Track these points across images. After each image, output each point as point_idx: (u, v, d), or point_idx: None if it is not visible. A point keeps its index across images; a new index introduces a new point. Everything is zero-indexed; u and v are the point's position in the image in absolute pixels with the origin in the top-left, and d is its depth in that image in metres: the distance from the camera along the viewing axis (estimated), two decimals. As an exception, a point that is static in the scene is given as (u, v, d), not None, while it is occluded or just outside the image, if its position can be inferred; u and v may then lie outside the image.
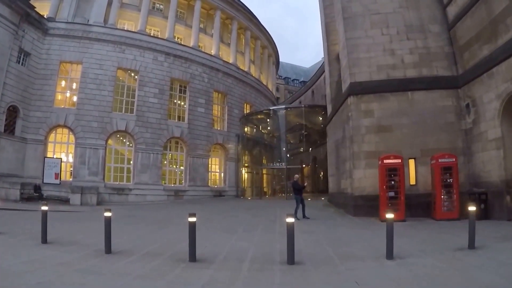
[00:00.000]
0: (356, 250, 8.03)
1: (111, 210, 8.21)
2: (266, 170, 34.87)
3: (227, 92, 33.45)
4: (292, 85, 78.26)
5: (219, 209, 19.23)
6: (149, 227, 12.36)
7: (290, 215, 7.04)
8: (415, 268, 6.29)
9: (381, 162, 13.06)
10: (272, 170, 34.98)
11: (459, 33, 14.73)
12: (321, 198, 26.45)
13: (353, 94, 15.13)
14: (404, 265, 6.50)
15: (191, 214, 7.36)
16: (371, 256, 7.30)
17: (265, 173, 35.36)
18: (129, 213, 16.47)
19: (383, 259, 6.94)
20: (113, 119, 25.42)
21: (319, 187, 36.01)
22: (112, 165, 25.70)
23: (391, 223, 7.09)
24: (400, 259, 6.91)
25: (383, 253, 7.18)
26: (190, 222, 7.31)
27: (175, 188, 28.22)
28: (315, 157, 35.73)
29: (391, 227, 7.06)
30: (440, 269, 6.21)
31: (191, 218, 7.34)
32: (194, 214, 7.38)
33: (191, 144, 29.20)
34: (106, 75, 25.49)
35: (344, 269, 6.41)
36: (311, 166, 36.26)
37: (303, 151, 34.38)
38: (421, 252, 7.48)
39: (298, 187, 14.68)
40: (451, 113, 14.57)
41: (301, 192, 14.50)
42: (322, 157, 35.10)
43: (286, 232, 6.90)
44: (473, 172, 13.64)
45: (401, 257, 7.01)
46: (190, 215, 7.34)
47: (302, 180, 15.16)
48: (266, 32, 42.51)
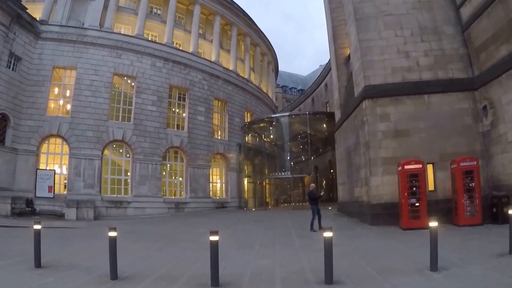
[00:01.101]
0: (392, 262, 7.84)
1: (116, 229, 7.43)
2: (270, 180, 34.69)
3: (227, 100, 33.49)
4: (290, 93, 78.62)
5: (226, 222, 19.07)
6: (155, 244, 11.78)
7: (328, 229, 6.72)
8: (467, 280, 6.15)
9: (401, 168, 13.08)
10: (276, 180, 34.82)
11: (474, 34, 14.93)
12: (327, 208, 26.33)
13: (368, 97, 15.20)
14: (453, 277, 6.35)
15: (213, 232, 6.82)
16: (412, 269, 7.12)
17: (268, 183, 35.17)
18: (130, 229, 16.04)
19: (427, 272, 6.79)
20: (109, 128, 25.19)
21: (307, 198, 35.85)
22: (109, 176, 25.39)
23: (435, 232, 6.98)
24: (445, 270, 6.76)
25: (423, 264, 7.10)
26: (212, 241, 6.73)
27: (176, 200, 27.99)
28: (316, 166, 35.70)
29: (435, 237, 6.94)
30: (495, 278, 6.09)
31: (213, 237, 6.75)
32: (217, 232, 6.83)
33: (191, 154, 29.06)
34: (101, 81, 25.29)
35: (390, 287, 6.16)
36: (313, 175, 36.16)
37: (304, 159, 34.38)
38: (463, 261, 7.37)
39: (314, 197, 14.56)
40: (468, 116, 14.71)
41: (317, 202, 14.38)
42: (324, 166, 35.18)
43: (324, 248, 6.55)
44: (492, 175, 13.73)
45: (444, 268, 6.86)
46: (212, 233, 6.78)
47: (318, 190, 15.02)
48: (266, 39, 42.84)
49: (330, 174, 35.50)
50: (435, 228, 7.06)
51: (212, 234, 6.75)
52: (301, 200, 33.94)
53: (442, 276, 6.51)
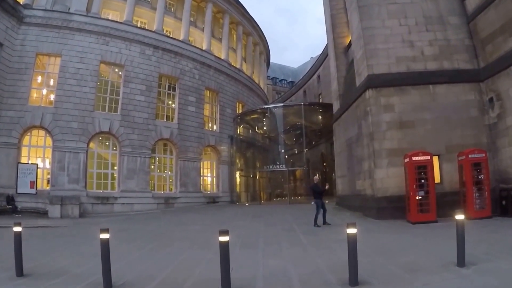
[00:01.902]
0: (414, 259, 7.64)
1: (108, 230, 6.67)
2: (264, 173, 34.47)
3: (219, 90, 33.09)
4: (280, 85, 78.36)
5: (222, 218, 18.77)
6: (149, 244, 11.01)
7: (351, 224, 6.30)
8: (500, 275, 5.99)
9: (409, 159, 12.98)
10: (271, 173, 34.59)
11: (480, 25, 14.94)
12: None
13: (371, 87, 15.06)
14: (485, 273, 6.19)
15: (222, 232, 6.00)
16: (438, 265, 6.94)
17: (262, 177, 34.93)
18: (119, 227, 15.45)
19: (455, 268, 6.63)
20: (95, 119, 24.51)
21: (303, 192, 35.78)
22: (94, 171, 24.72)
23: (462, 226, 6.79)
24: (473, 265, 6.60)
25: (448, 260, 6.96)
26: (222, 242, 5.95)
27: (165, 195, 27.54)
28: (308, 159, 35.58)
29: (462, 231, 6.76)
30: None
31: (223, 237, 5.98)
32: (227, 232, 5.99)
33: (182, 146, 28.62)
34: (87, 69, 24.53)
35: (421, 286, 5.88)
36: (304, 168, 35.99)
37: (299, 152, 34.23)
38: (489, 256, 7.25)
39: (319, 190, 14.24)
40: (474, 107, 14.76)
41: (321, 196, 14.10)
42: (316, 159, 35.08)
43: (348, 245, 6.22)
44: (498, 168, 13.75)
45: (472, 263, 6.70)
46: (221, 233, 5.99)
47: (323, 183, 14.67)
48: (258, 28, 42.48)
49: (320, 167, 35.50)
50: (462, 222, 6.89)
51: (222, 234, 6.00)
52: (298, 194, 33.83)
53: (473, 272, 6.34)
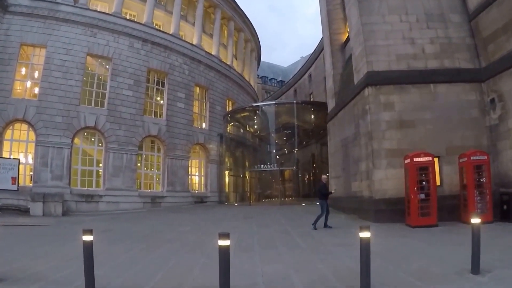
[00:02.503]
0: (424, 265, 7.28)
1: (92, 231, 6.03)
2: (254, 173, 33.89)
3: (208, 87, 32.50)
4: (269, 84, 77.99)
5: (212, 219, 18.15)
6: (137, 246, 10.31)
7: (365, 228, 5.92)
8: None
9: (410, 160, 12.61)
10: (261, 173, 34.06)
11: (482, 24, 14.69)
12: (314, 203, 25.84)
13: (371, 84, 14.66)
14: (502, 281, 5.89)
15: (222, 235, 5.35)
16: (451, 272, 6.60)
17: (252, 177, 34.38)
18: (104, 227, 14.80)
19: (469, 275, 6.31)
20: (80, 114, 23.73)
21: (300, 192, 35.43)
22: (79, 167, 23.96)
23: (477, 230, 6.44)
24: (488, 272, 6.31)
25: (460, 266, 6.69)
26: (221, 246, 5.34)
27: (152, 194, 26.88)
28: (297, 159, 35.17)
29: (478, 236, 6.42)
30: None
31: (223, 241, 5.32)
32: (227, 236, 5.34)
33: (170, 144, 27.99)
34: (74, 61, 23.76)
35: None
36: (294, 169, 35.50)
37: (291, 152, 33.78)
38: (502, 263, 6.96)
39: (326, 192, 13.63)
40: (475, 108, 14.51)
41: (327, 197, 13.48)
42: (308, 159, 34.70)
43: (360, 251, 5.87)
44: (499, 171, 13.45)
45: (486, 270, 6.40)
46: (221, 237, 5.33)
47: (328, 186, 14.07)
48: (250, 25, 41.98)
49: (309, 168, 35.12)
50: (478, 226, 6.53)
51: (222, 237, 5.33)
52: (289, 195, 33.35)
53: (489, 279, 6.02)
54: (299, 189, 34.28)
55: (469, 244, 8.89)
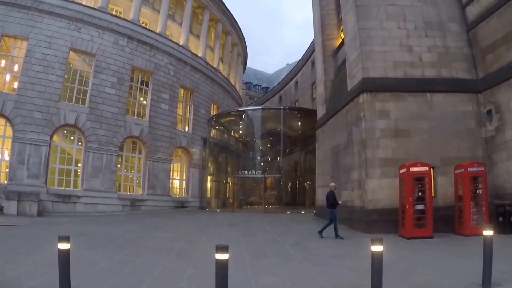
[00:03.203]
0: (431, 278, 6.84)
1: (69, 238, 5.36)
2: (237, 180, 33.06)
3: (194, 89, 31.68)
4: (253, 90, 77.70)
5: (195, 225, 17.22)
6: (117, 253, 9.40)
7: (378, 241, 5.43)
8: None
9: (406, 169, 12.17)
10: (245, 180, 33.31)
11: (480, 34, 14.58)
12: (299, 212, 25.35)
13: (366, 91, 14.29)
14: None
15: (220, 248, 4.56)
16: (461, 286, 6.27)
17: (235, 183, 33.59)
18: (81, 230, 13.79)
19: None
20: (60, 110, 22.57)
21: (284, 199, 34.85)
22: (57, 166, 22.76)
23: (490, 243, 6.05)
24: (499, 286, 5.98)
25: (468, 280, 6.42)
26: (219, 261, 4.56)
27: (132, 197, 25.81)
28: (275, 167, 34.62)
29: (490, 248, 6.08)
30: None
31: (221, 255, 4.55)
32: (226, 248, 4.59)
33: (152, 146, 27.04)
34: (56, 56, 22.61)
35: None
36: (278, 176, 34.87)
37: (274, 159, 33.24)
38: (510, 275, 6.65)
39: (333, 202, 12.80)
40: (471, 119, 14.34)
41: (335, 206, 12.77)
42: (291, 167, 34.20)
43: (372, 266, 5.43)
44: (494, 183, 13.19)
45: (496, 283, 6.05)
46: (219, 250, 4.54)
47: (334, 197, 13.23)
48: (238, 28, 41.48)
49: (292, 176, 34.59)
50: (490, 238, 6.14)
51: (220, 250, 4.54)
52: (273, 202, 32.62)
53: (503, 294, 5.59)
54: (283, 197, 33.63)
55: (471, 256, 9.21)
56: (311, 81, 37.81)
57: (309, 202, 28.85)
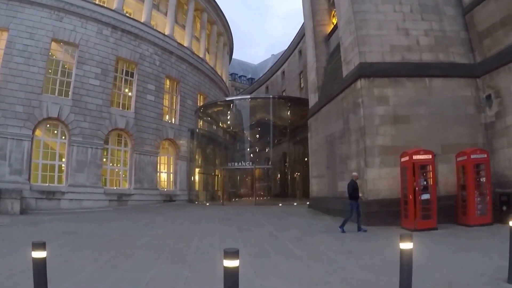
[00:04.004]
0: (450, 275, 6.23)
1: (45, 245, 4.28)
2: (226, 171, 32.12)
3: (180, 79, 30.67)
4: (239, 81, 76.68)
5: (185, 220, 16.34)
6: (104, 254, 8.37)
7: (407, 237, 4.67)
8: None
9: (409, 158, 11.46)
10: (234, 171, 32.43)
11: (477, 18, 13.99)
12: (291, 203, 24.64)
13: (364, 76, 13.53)
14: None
15: (229, 253, 3.46)
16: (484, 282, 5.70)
17: (224, 175, 32.66)
18: (66, 228, 12.77)
19: (506, 285, 5.44)
20: (43, 103, 21.34)
21: (274, 191, 34.13)
22: (40, 161, 21.58)
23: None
24: None
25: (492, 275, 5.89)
26: (228, 268, 3.45)
27: (118, 192, 24.80)
28: (265, 158, 33.85)
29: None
30: None
31: (230, 261, 3.45)
32: (236, 254, 3.45)
33: (138, 138, 26.03)
34: (37, 47, 21.35)
35: None
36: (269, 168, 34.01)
37: (264, 149, 32.38)
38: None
39: (355, 194, 11.72)
40: (470, 104, 13.75)
41: (357, 198, 11.75)
42: (281, 158, 33.43)
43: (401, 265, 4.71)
44: (495, 171, 12.54)
45: None
46: (227, 256, 3.46)
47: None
48: (224, 18, 40.38)
49: (281, 167, 33.83)
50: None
51: (229, 256, 3.47)
52: (264, 194, 31.83)
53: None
54: (274, 188, 32.85)
55: (483, 249, 8.32)
56: (299, 71, 37.06)
57: (299, 193, 28.21)
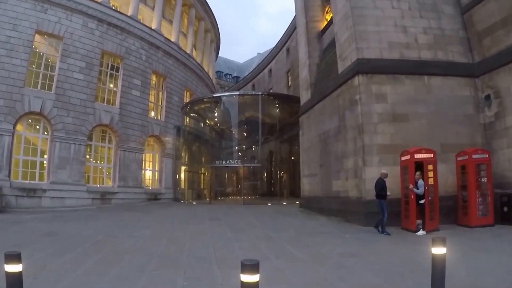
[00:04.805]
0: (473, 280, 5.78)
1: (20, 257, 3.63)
2: (214, 170, 31.30)
3: (166, 75, 29.75)
4: (224, 80, 75.84)
5: (173, 220, 15.44)
6: (88, 259, 7.42)
7: (440, 241, 4.17)
8: None
9: (410, 156, 11.03)
10: (222, 170, 31.66)
11: (476, 17, 13.74)
12: (280, 203, 24.07)
13: (362, 72, 13.06)
14: None
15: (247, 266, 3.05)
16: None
17: (211, 173, 31.86)
18: (47, 228, 11.83)
19: None
20: (25, 97, 20.21)
21: (263, 190, 33.56)
22: (21, 157, 20.44)
23: None
24: None
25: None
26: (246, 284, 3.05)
27: (102, 190, 23.80)
28: (253, 156, 33.29)
29: None
30: None
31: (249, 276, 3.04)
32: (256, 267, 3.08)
33: (123, 135, 25.05)
34: (20, 38, 20.22)
35: None
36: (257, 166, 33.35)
37: (253, 147, 31.78)
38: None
39: (383, 193, 10.88)
40: (469, 104, 13.48)
41: (385, 197, 10.88)
42: (270, 156, 32.95)
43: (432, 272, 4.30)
44: (494, 171, 12.18)
45: None
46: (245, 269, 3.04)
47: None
48: (211, 14, 39.58)
49: (268, 167, 33.33)
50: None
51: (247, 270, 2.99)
52: (253, 193, 31.23)
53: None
54: (262, 187, 32.28)
55: (493, 250, 8.07)
56: (286, 69, 36.61)
57: (288, 192, 27.73)
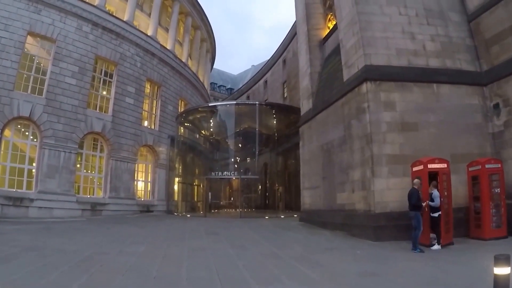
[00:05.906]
0: None
1: None
2: (210, 181, 30.31)
3: (161, 83, 29.26)
4: (218, 91, 75.45)
5: (169, 235, 14.42)
6: (76, 280, 6.37)
7: (503, 260, 3.62)
8: None
9: (423, 167, 10.56)
10: (218, 182, 30.92)
11: (484, 25, 13.57)
12: (278, 216, 23.44)
13: (370, 79, 12.67)
14: None
15: None
16: None
17: (206, 185, 30.98)
18: (31, 242, 10.84)
19: None
20: (14, 101, 19.49)
21: (256, 204, 32.83)
22: (8, 164, 19.61)
23: None
24: None
25: None
26: None
27: (92, 201, 22.93)
28: (249, 168, 32.58)
29: None
30: None
31: None
32: None
33: (115, 144, 24.35)
34: (11, 39, 19.61)
35: None
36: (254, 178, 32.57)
37: (250, 159, 31.12)
38: None
39: (418, 203, 9.92)
40: (477, 113, 13.18)
41: (421, 209, 9.99)
42: (267, 168, 32.32)
43: None
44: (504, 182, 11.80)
45: None
46: None
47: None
48: (208, 23, 39.40)
49: (263, 179, 32.67)
50: None
51: None
52: (248, 206, 30.48)
53: None
54: (259, 200, 31.59)
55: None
56: (283, 80, 36.39)
57: (285, 205, 27.18)
